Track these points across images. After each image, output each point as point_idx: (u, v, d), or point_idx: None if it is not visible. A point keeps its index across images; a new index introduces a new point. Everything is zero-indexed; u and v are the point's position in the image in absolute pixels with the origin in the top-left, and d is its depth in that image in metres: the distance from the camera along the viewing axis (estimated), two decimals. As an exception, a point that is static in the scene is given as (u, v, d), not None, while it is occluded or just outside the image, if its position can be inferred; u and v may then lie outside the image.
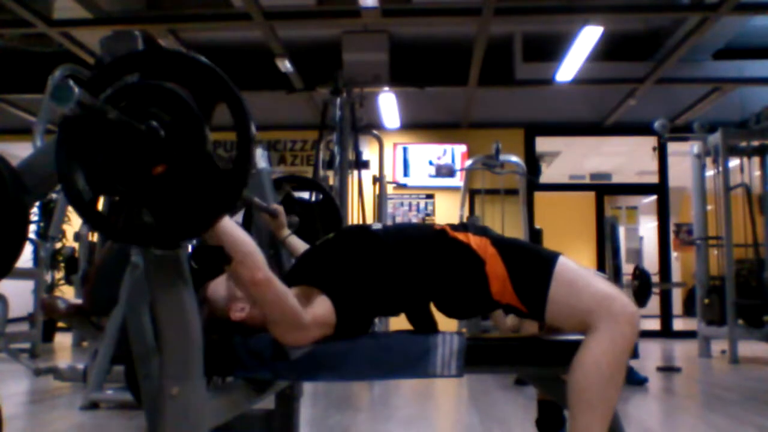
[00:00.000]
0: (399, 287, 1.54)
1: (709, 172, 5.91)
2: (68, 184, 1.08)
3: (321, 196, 2.36)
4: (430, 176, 8.14)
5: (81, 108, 0.96)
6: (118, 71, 1.10)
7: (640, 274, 5.10)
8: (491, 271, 1.47)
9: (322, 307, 1.47)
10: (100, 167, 1.07)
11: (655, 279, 8.23)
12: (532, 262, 1.47)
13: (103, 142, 1.06)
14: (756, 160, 5.76)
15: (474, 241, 1.51)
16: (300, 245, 2.00)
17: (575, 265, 1.47)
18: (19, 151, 5.54)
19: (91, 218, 1.10)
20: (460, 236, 1.53)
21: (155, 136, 1.03)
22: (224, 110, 1.09)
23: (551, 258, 1.46)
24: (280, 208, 2.02)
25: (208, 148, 1.06)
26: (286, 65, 6.13)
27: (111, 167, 1.06)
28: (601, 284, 1.43)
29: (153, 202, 1.08)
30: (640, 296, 5.04)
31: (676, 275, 9.93)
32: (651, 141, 7.59)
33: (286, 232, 2.04)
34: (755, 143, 5.66)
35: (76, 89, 0.95)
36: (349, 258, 1.56)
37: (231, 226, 1.30)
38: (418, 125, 8.15)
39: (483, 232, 1.56)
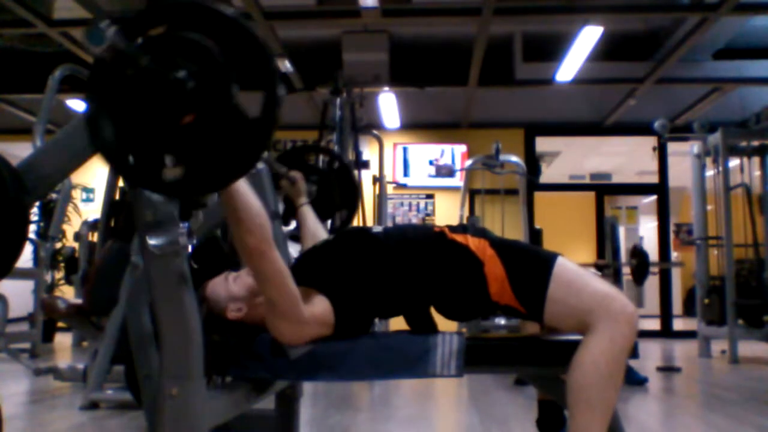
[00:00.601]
0: (398, 289, 1.54)
1: (709, 172, 5.91)
2: (97, 134, 1.08)
3: (337, 165, 2.39)
4: (430, 176, 8.14)
5: (113, 52, 0.95)
6: (147, 21, 1.09)
7: (639, 253, 5.12)
8: (490, 273, 1.47)
9: (320, 307, 1.47)
10: (128, 117, 1.06)
11: (655, 278, 8.24)
12: (530, 262, 1.47)
13: (132, 91, 1.05)
14: (756, 160, 5.75)
15: (473, 242, 1.52)
16: (311, 217, 2.03)
17: (574, 266, 1.47)
18: (19, 151, 5.53)
19: (120, 169, 1.09)
20: (459, 238, 1.53)
21: (183, 86, 1.03)
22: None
23: (550, 258, 1.46)
24: (299, 175, 2.06)
25: (236, 98, 1.06)
26: (286, 65, 6.13)
27: (139, 117, 1.06)
28: (600, 284, 1.43)
29: (181, 153, 1.08)
30: (638, 274, 5.07)
31: (676, 275, 9.93)
32: (651, 141, 7.59)
33: (304, 200, 2.06)
34: (755, 143, 5.66)
35: (111, 30, 0.94)
36: (349, 260, 1.56)
37: (249, 193, 1.30)
38: (418, 125, 8.14)
39: (482, 233, 1.56)
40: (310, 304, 1.45)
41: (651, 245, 8.86)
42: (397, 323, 1.65)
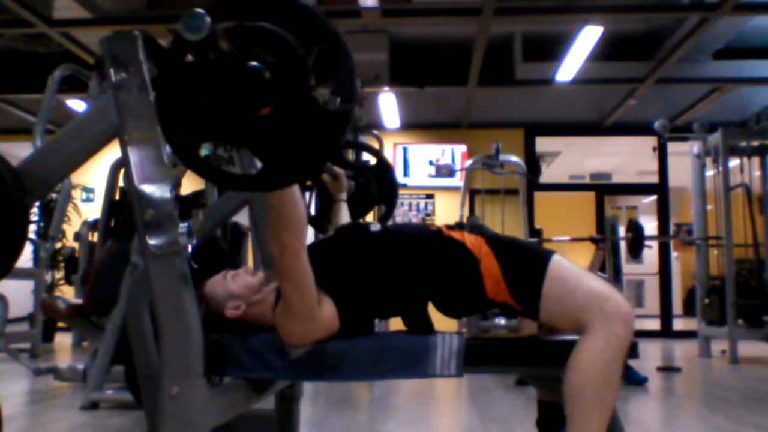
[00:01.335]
0: (397, 287, 1.53)
1: (709, 172, 5.91)
2: (169, 130, 1.06)
3: (377, 162, 2.42)
4: (430, 176, 8.14)
5: (208, 40, 0.95)
6: (223, 11, 1.08)
7: (634, 227, 5.13)
8: (485, 270, 1.47)
9: (328, 310, 1.47)
10: (203, 111, 1.05)
11: (655, 278, 8.24)
12: (525, 260, 1.47)
13: (207, 84, 1.03)
14: (756, 160, 5.75)
15: (469, 239, 1.52)
16: (344, 213, 2.06)
17: (569, 264, 1.47)
18: (19, 151, 5.54)
19: (193, 164, 1.08)
20: (456, 235, 1.53)
21: (261, 77, 1.02)
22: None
23: (545, 256, 1.46)
24: (341, 172, 2.08)
25: (312, 89, 1.04)
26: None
27: (216, 110, 1.04)
28: (595, 283, 1.42)
29: (259, 145, 1.06)
30: (634, 248, 5.08)
31: (676, 275, 9.93)
32: (651, 141, 7.59)
33: (343, 196, 2.08)
34: (755, 143, 5.66)
35: (207, 19, 0.94)
36: (349, 261, 1.55)
37: (297, 191, 1.32)
38: (418, 125, 8.14)
39: (478, 230, 1.56)
40: (319, 307, 1.45)
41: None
42: (398, 323, 1.65)
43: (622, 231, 5.30)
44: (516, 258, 1.48)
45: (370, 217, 3.31)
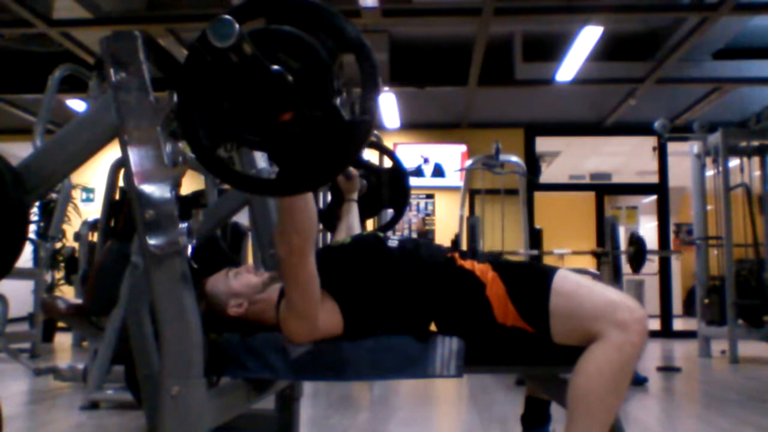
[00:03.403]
0: (405, 308, 1.52)
1: (709, 172, 5.91)
2: (190, 130, 1.07)
3: (392, 165, 2.41)
4: (431, 176, 8.15)
5: (239, 48, 0.94)
6: (249, 12, 1.07)
7: (636, 241, 5.12)
8: (492, 294, 1.45)
9: (332, 317, 1.47)
10: (225, 114, 1.05)
11: (655, 278, 8.24)
12: (529, 276, 1.47)
13: (230, 87, 1.03)
14: (756, 160, 5.76)
15: (478, 268, 1.51)
16: (354, 213, 2.06)
17: (576, 277, 1.45)
18: (19, 151, 5.54)
19: (211, 165, 1.09)
20: (467, 264, 1.53)
21: (283, 82, 1.01)
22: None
23: (549, 271, 1.45)
24: (354, 172, 2.08)
25: (335, 96, 1.04)
26: (286, 65, 6.12)
27: (237, 113, 1.04)
28: (605, 292, 1.40)
29: (278, 150, 1.07)
30: (635, 262, 5.08)
31: (676, 275, 9.92)
32: (651, 141, 7.59)
33: (355, 195, 2.08)
34: (755, 143, 5.66)
35: (237, 26, 0.94)
36: (362, 273, 1.53)
37: (310, 197, 1.32)
38: (418, 125, 8.15)
39: (486, 259, 1.56)
40: (324, 312, 1.45)
41: (651, 245, 8.85)
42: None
43: (622, 231, 5.30)
44: (520, 276, 1.47)
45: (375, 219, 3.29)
